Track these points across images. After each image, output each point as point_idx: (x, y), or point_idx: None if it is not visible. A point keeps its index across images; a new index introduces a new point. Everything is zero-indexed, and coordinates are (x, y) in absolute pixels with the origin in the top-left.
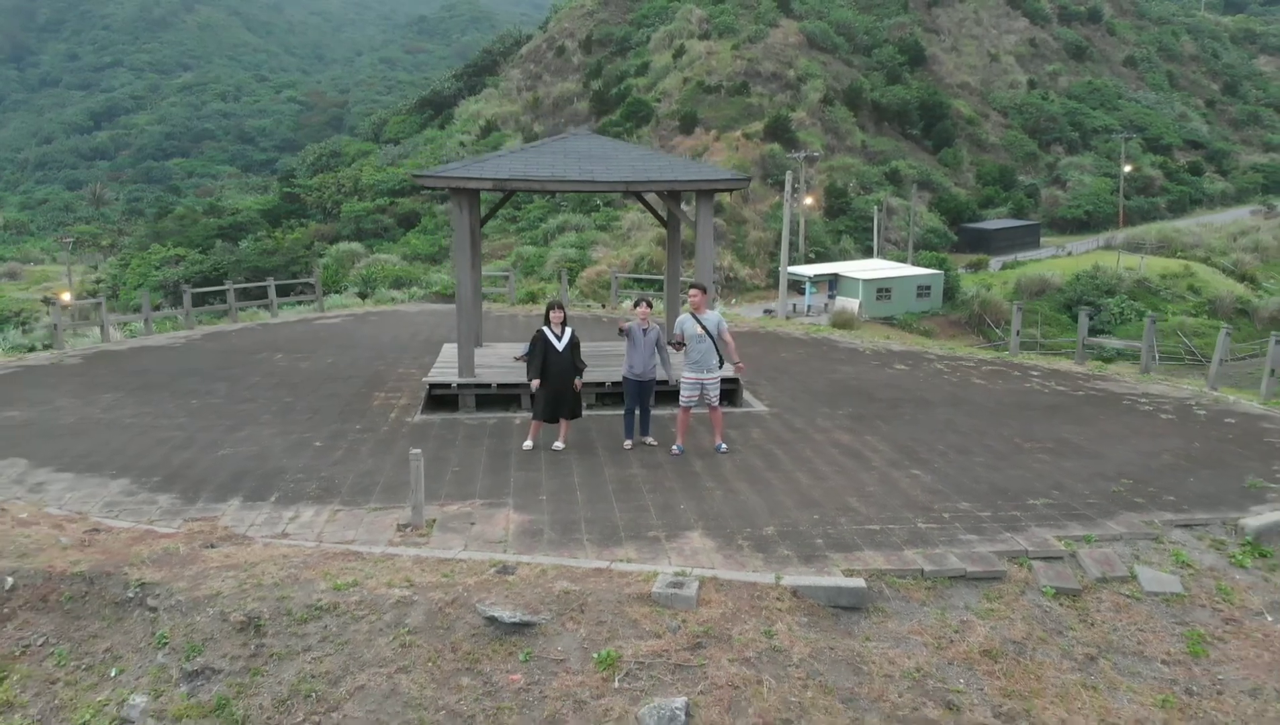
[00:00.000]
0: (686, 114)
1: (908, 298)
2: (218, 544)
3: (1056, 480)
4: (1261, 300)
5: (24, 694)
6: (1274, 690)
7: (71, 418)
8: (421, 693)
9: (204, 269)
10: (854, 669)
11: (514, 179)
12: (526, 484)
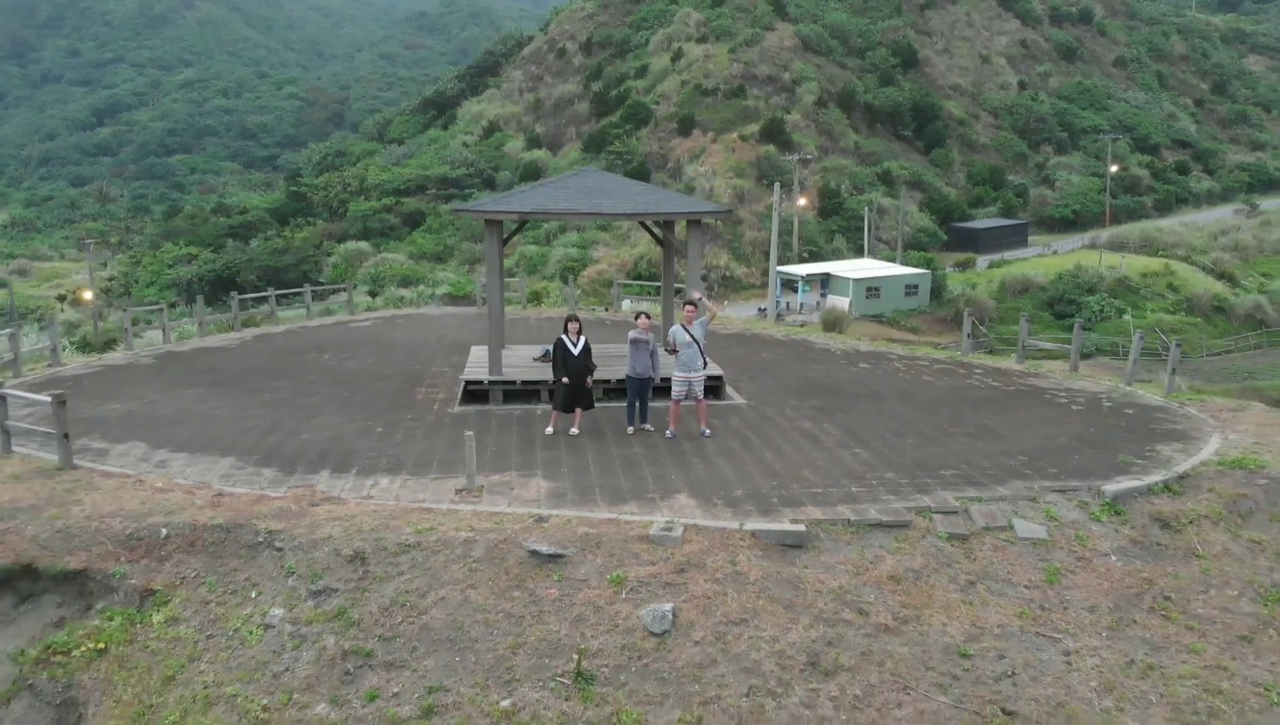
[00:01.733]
0: (684, 116)
1: (896, 296)
2: (319, 503)
3: (967, 457)
4: (1238, 298)
5: (185, 612)
6: (1106, 607)
7: (168, 409)
8: (485, 602)
9: (217, 268)
10: (793, 587)
11: (535, 211)
12: (550, 460)
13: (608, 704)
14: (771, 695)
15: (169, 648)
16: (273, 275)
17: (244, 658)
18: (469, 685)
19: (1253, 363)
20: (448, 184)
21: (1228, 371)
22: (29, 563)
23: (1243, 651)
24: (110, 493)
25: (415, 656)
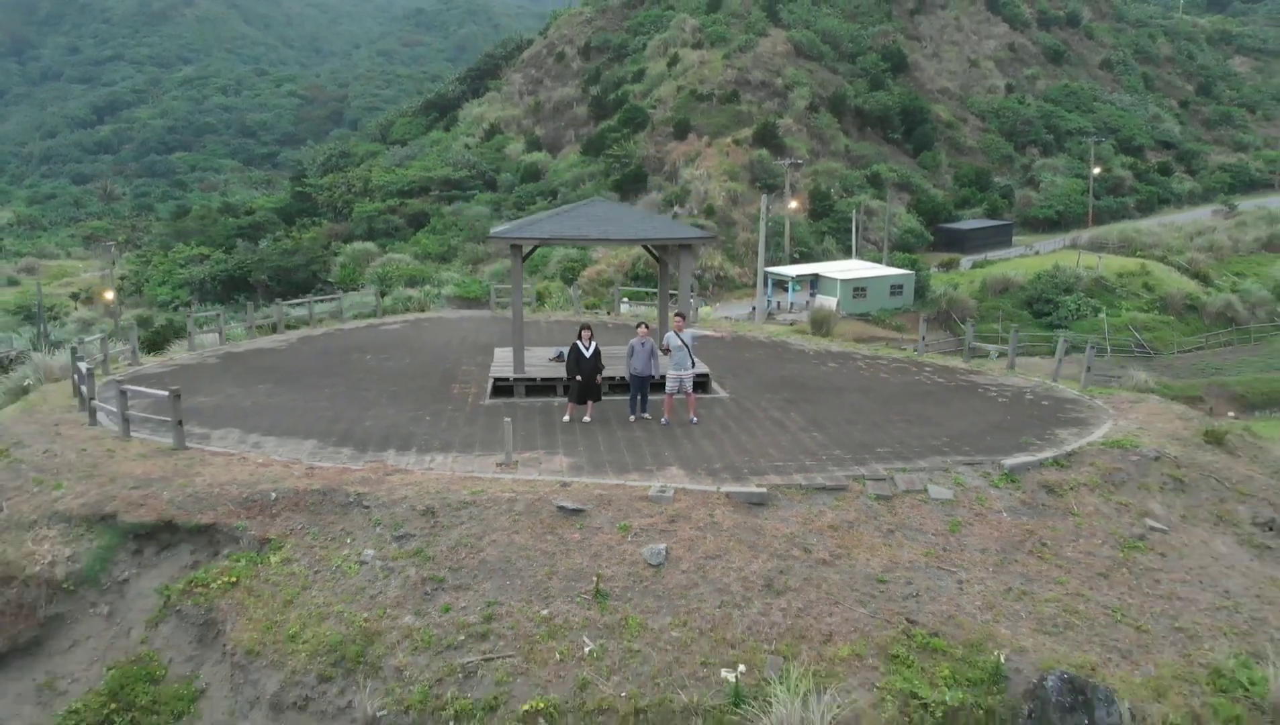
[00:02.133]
0: (680, 121)
1: (882, 296)
2: (392, 473)
3: (902, 439)
4: (1210, 297)
5: (296, 554)
6: (994, 550)
7: (247, 402)
8: (526, 543)
9: (229, 268)
10: (756, 532)
11: (553, 237)
12: (569, 442)
13: (618, 613)
14: (737, 607)
15: (286, 580)
16: (283, 275)
17: (346, 585)
18: (517, 600)
19: (1221, 359)
20: (450, 185)
21: (1196, 367)
22: (169, 519)
23: (1099, 584)
24: (222, 467)
25: (476, 581)
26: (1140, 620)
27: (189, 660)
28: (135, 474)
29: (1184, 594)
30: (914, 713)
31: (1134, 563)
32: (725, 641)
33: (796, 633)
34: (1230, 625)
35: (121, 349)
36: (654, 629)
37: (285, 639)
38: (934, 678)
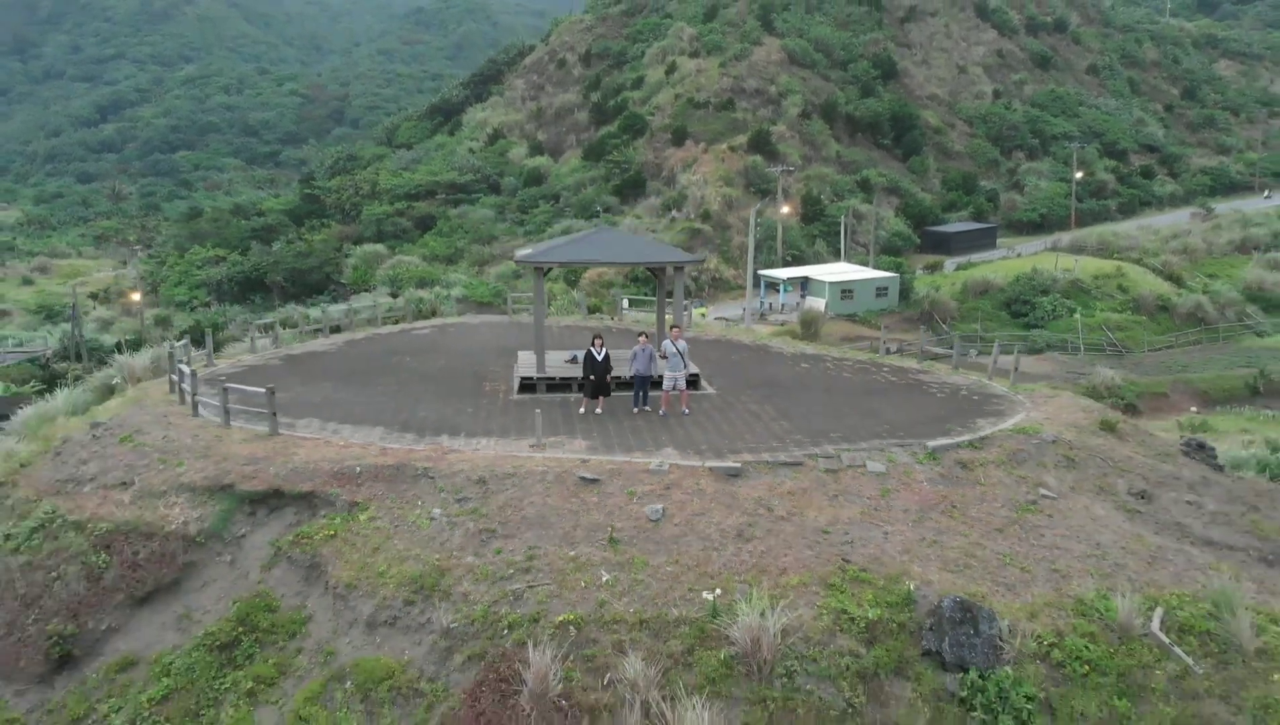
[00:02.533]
0: (678, 128)
1: (868, 297)
2: (449, 453)
3: (851, 426)
4: (1181, 298)
5: (379, 514)
6: (915, 510)
7: (317, 398)
8: (556, 503)
9: (245, 269)
10: (732, 496)
11: (570, 261)
12: (585, 428)
13: (626, 554)
14: (715, 550)
15: (373, 533)
16: (297, 276)
17: (420, 535)
18: (551, 545)
19: (1189, 357)
20: (456, 189)
21: (1163, 365)
22: (277, 488)
23: (995, 537)
24: (312, 448)
25: (519, 531)
26: (1025, 564)
27: (297, 594)
28: (243, 454)
29: (1063, 545)
30: (843, 624)
31: (1025, 521)
32: (706, 574)
33: (759, 568)
34: (1097, 569)
35: (196, 353)
36: (653, 565)
37: (376, 575)
38: (860, 600)
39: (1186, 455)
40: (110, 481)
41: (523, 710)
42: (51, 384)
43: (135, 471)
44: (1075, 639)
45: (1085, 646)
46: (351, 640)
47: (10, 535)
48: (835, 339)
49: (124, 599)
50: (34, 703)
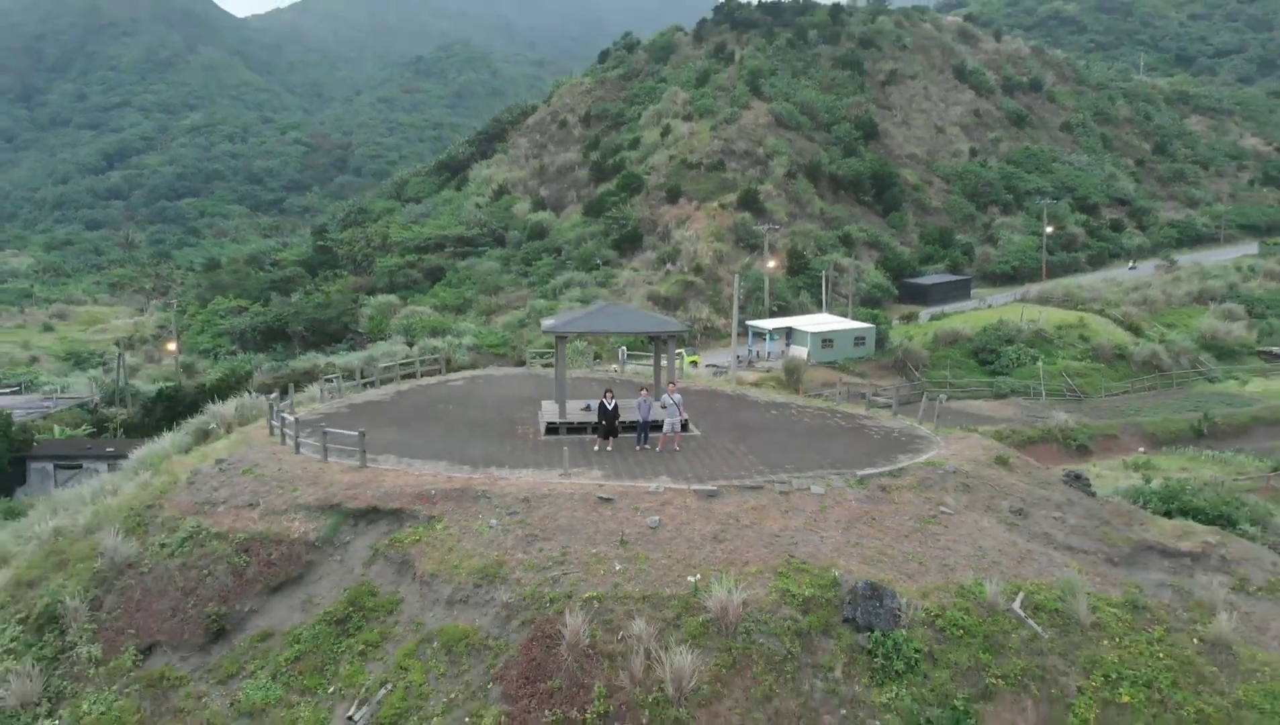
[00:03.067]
0: (672, 187)
1: (847, 346)
2: (498, 480)
3: (802, 459)
4: (1138, 347)
5: (451, 524)
6: (844, 522)
7: (386, 438)
8: (582, 516)
9: (268, 319)
10: (710, 511)
11: (587, 330)
12: (600, 461)
13: (633, 551)
14: (697, 549)
15: (447, 537)
16: (317, 326)
17: (482, 539)
18: (578, 545)
19: (1142, 402)
20: (463, 242)
21: (1118, 409)
22: (373, 506)
23: (902, 541)
24: (395, 477)
25: (554, 535)
26: (922, 560)
27: (392, 583)
28: (343, 481)
29: (953, 548)
30: (787, 599)
31: (926, 530)
32: (690, 565)
33: (728, 561)
34: (977, 565)
35: (283, 402)
36: (652, 559)
37: (451, 568)
38: (800, 583)
39: (1066, 483)
40: (240, 503)
41: (563, 656)
42: (100, 428)
43: (259, 495)
44: (954, 612)
45: (961, 617)
46: (435, 614)
47: (165, 544)
48: (816, 384)
49: (261, 588)
50: (195, 665)
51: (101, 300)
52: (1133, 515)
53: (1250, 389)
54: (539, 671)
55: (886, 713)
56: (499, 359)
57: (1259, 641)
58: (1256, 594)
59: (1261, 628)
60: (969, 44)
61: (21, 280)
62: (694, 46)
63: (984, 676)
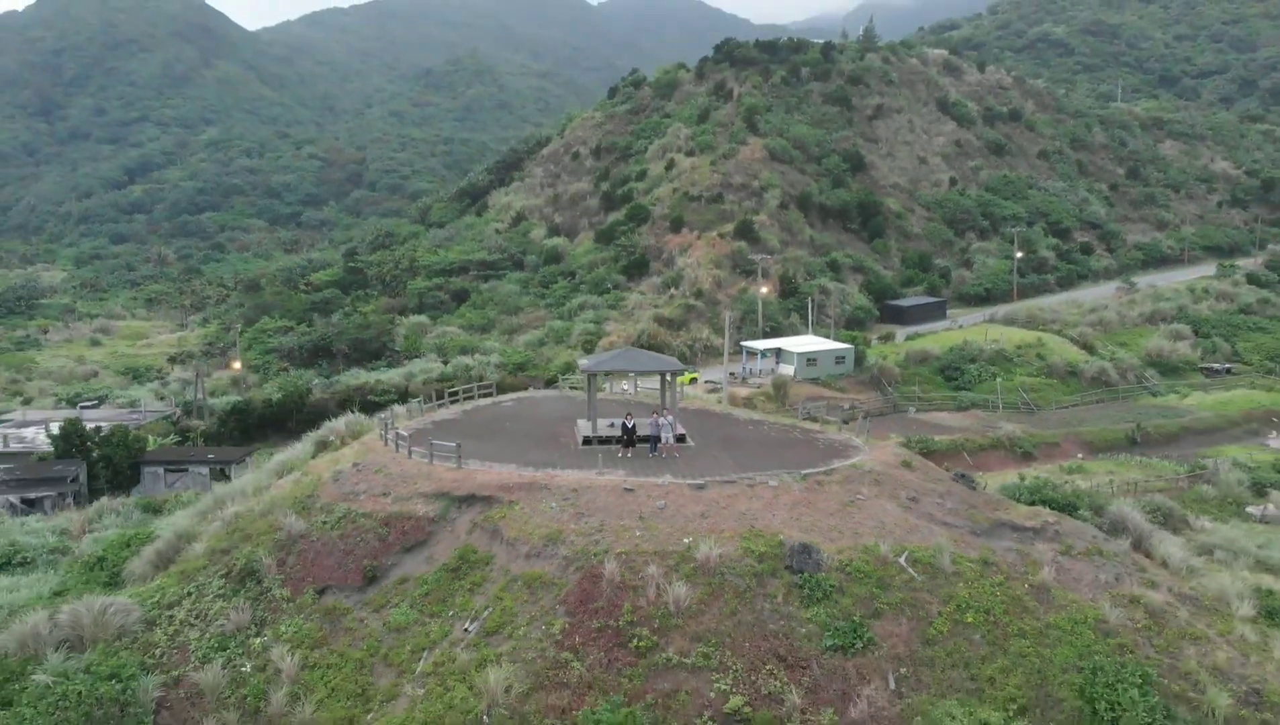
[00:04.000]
0: (675, 217)
1: (829, 365)
2: (554, 477)
3: (765, 463)
4: (1088, 364)
5: (525, 506)
6: (791, 505)
7: (468, 448)
8: (611, 501)
9: (314, 338)
10: (699, 498)
11: (612, 370)
12: (623, 464)
13: (648, 523)
14: (690, 522)
15: (524, 514)
16: (359, 345)
17: (547, 516)
18: (611, 519)
19: (1088, 413)
20: (485, 266)
21: (1064, 420)
22: (471, 493)
23: (830, 518)
24: (482, 475)
25: (595, 513)
26: (841, 530)
27: (486, 545)
28: (448, 478)
29: (863, 522)
30: (749, 553)
31: (845, 511)
32: (685, 532)
33: (711, 529)
34: (878, 533)
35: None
36: (660, 528)
37: (527, 534)
38: (757, 543)
39: (954, 480)
40: (376, 493)
41: (603, 588)
42: (183, 437)
43: (389, 487)
44: (858, 562)
45: (862, 565)
46: (517, 564)
47: (326, 521)
48: (800, 398)
49: (398, 549)
50: (356, 600)
51: (139, 315)
52: (999, 503)
53: (1188, 402)
54: (588, 598)
55: (810, 624)
56: (532, 380)
57: (1072, 587)
58: (1076, 556)
59: (1076, 579)
60: (953, 75)
61: (59, 295)
62: (696, 83)
63: (875, 603)
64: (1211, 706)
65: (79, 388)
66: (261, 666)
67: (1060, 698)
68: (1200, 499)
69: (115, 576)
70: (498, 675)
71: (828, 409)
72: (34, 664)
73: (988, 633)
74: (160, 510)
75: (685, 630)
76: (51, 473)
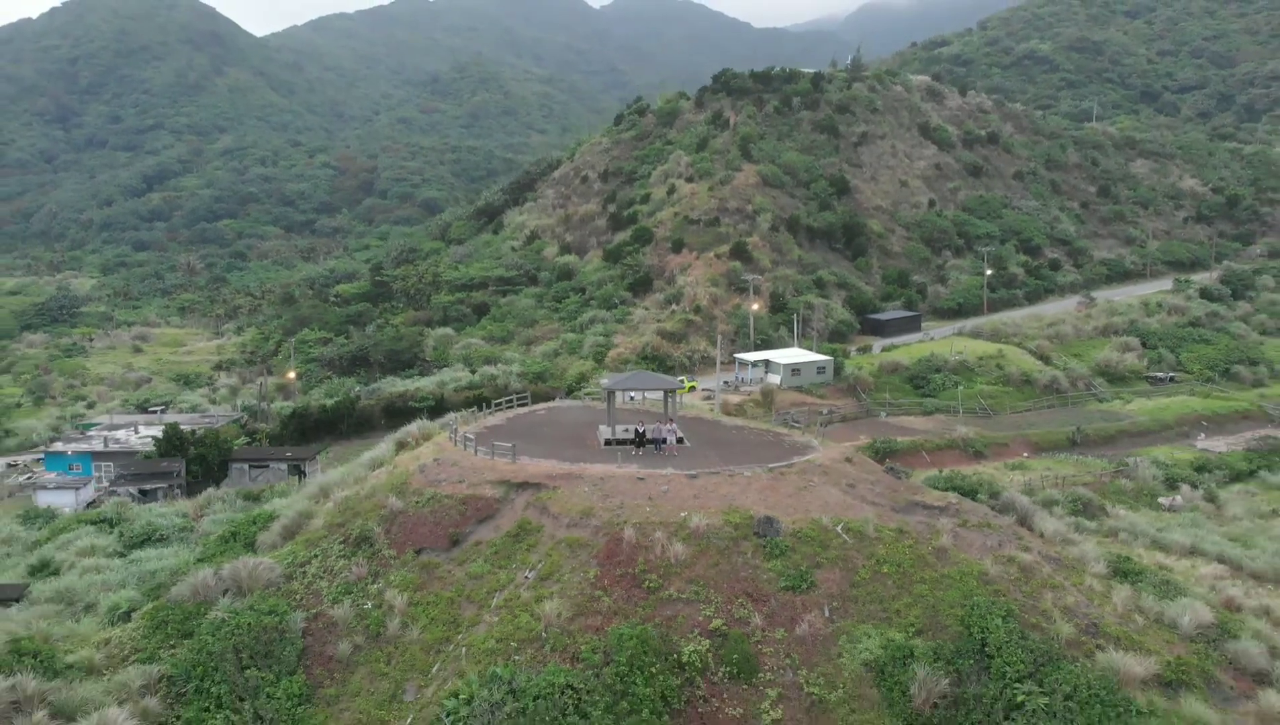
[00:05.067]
0: (676, 239)
1: (811, 374)
2: (585, 469)
3: (742, 459)
4: (1041, 373)
5: (563, 490)
6: (761, 490)
7: (520, 447)
8: (628, 487)
9: (352, 349)
10: (692, 484)
11: (627, 387)
12: (636, 460)
13: (655, 502)
14: (685, 501)
15: (564, 496)
16: (393, 355)
17: (581, 497)
18: (628, 499)
19: (1038, 417)
20: (503, 281)
21: (1016, 424)
22: (525, 480)
23: (789, 497)
24: (533, 467)
25: (616, 495)
26: (795, 507)
27: (538, 518)
28: (507, 469)
29: (812, 502)
30: (728, 523)
31: (800, 493)
32: (681, 508)
33: (700, 506)
34: (823, 509)
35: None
36: (664, 505)
37: (568, 510)
38: (734, 516)
39: (885, 472)
40: (454, 480)
41: (624, 548)
42: (251, 437)
43: (463, 476)
44: (806, 530)
45: (809, 532)
46: (561, 532)
47: (418, 501)
48: (785, 404)
49: (473, 521)
50: (444, 558)
51: (172, 322)
52: (917, 488)
53: (1130, 408)
54: (613, 554)
55: (770, 572)
56: (555, 390)
57: (964, 549)
58: (969, 528)
59: (968, 544)
60: (935, 100)
61: (95, 303)
62: (695, 112)
63: (817, 558)
64: (1057, 633)
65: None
66: (379, 604)
67: (947, 624)
68: (1119, 491)
69: (249, 546)
70: (550, 606)
71: (809, 414)
72: (205, 607)
73: (898, 580)
74: (258, 498)
75: (681, 576)
76: (159, 469)
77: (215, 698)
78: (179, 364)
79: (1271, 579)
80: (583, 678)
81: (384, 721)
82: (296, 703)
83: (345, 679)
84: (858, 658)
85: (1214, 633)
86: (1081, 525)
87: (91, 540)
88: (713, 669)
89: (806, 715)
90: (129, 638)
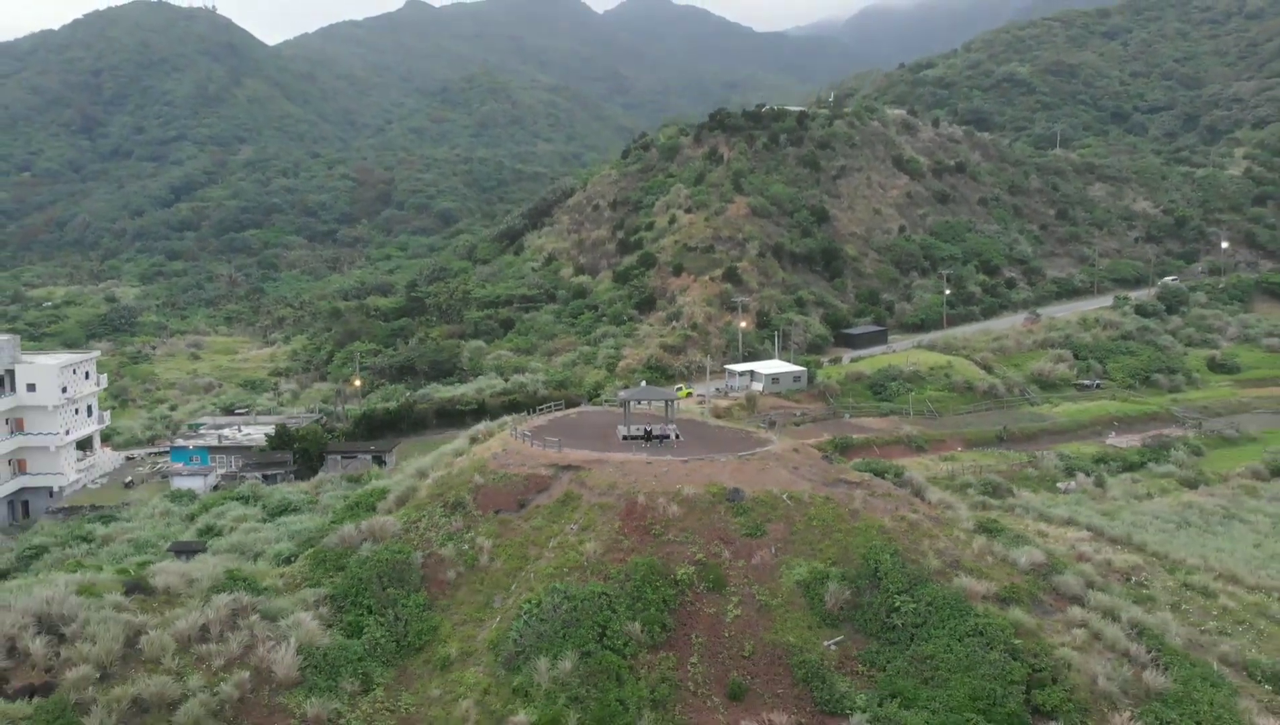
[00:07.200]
0: (677, 264)
1: (789, 382)
2: (611, 457)
3: (719, 449)
4: (983, 381)
5: (594, 473)
6: (731, 470)
7: (567, 440)
8: (641, 469)
9: (399, 360)
10: (684, 466)
11: (639, 398)
12: (646, 450)
13: (659, 478)
14: (678, 478)
15: (596, 475)
16: (436, 365)
17: (608, 475)
18: (640, 479)
19: (976, 418)
20: (526, 299)
21: (955, 423)
22: (568, 463)
23: (754, 475)
24: (573, 455)
25: (631, 474)
26: (755, 482)
27: (578, 490)
28: (553, 456)
29: (769, 477)
30: (709, 494)
31: (759, 473)
32: (676, 482)
33: (690, 481)
34: (775, 483)
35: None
36: (665, 480)
37: (598, 484)
38: (712, 488)
39: (821, 458)
40: (519, 464)
41: (637, 509)
42: (332, 435)
43: (525, 461)
44: (762, 497)
45: (765, 497)
46: (594, 499)
47: (495, 478)
48: (766, 408)
49: (534, 492)
50: (514, 516)
51: (220, 331)
52: (843, 470)
53: (1057, 411)
54: (630, 513)
55: (736, 524)
56: (579, 397)
57: (870, 511)
58: (876, 497)
59: (874, 508)
60: (910, 133)
61: (155, 313)
62: (694, 147)
63: (768, 515)
64: (928, 565)
65: (219, 398)
66: (472, 546)
67: (853, 559)
68: (1026, 478)
69: (371, 510)
70: (589, 547)
71: (784, 416)
72: (350, 550)
73: (822, 530)
74: (356, 481)
75: (676, 526)
76: (274, 458)
77: (366, 607)
78: (236, 370)
79: (1124, 542)
80: (612, 589)
81: (480, 619)
82: (421, 609)
83: (453, 594)
84: (792, 578)
85: (1045, 569)
86: (988, 503)
87: (241, 511)
88: (696, 584)
89: (758, 614)
90: (298, 572)
